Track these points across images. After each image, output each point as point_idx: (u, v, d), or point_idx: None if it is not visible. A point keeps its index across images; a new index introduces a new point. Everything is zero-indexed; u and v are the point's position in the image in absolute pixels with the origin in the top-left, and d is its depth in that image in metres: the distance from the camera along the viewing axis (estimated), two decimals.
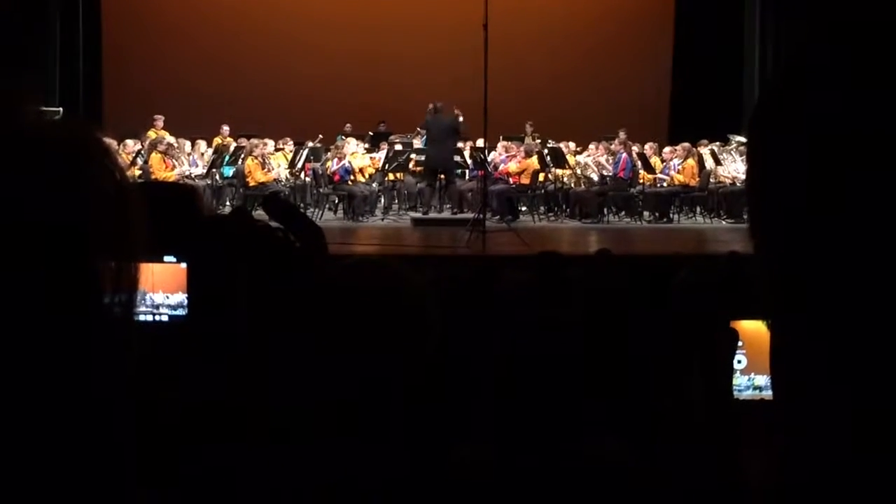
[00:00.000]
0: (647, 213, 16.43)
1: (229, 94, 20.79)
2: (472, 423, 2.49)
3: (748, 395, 2.11)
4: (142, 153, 15.54)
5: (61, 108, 17.12)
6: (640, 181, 16.39)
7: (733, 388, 1.87)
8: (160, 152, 15.24)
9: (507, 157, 16.60)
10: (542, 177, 16.52)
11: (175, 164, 15.48)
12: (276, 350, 1.19)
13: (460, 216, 15.22)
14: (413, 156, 16.75)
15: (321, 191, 16.25)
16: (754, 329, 1.92)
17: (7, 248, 0.70)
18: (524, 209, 16.60)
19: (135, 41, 21.21)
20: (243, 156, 15.79)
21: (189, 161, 16.44)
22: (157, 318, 1.35)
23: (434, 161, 15.86)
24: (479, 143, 15.94)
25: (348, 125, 19.35)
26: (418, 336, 1.58)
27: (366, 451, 1.49)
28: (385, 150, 17.04)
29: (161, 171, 15.04)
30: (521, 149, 16.54)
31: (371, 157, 16.96)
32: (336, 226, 14.99)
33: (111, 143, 15.09)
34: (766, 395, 2.07)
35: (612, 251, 7.40)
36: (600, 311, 3.93)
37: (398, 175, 16.95)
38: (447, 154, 15.91)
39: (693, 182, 16.12)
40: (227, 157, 16.18)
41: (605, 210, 16.24)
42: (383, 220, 16.06)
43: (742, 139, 15.39)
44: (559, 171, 16.75)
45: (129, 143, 16.12)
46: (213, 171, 16.01)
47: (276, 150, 16.83)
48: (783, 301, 0.75)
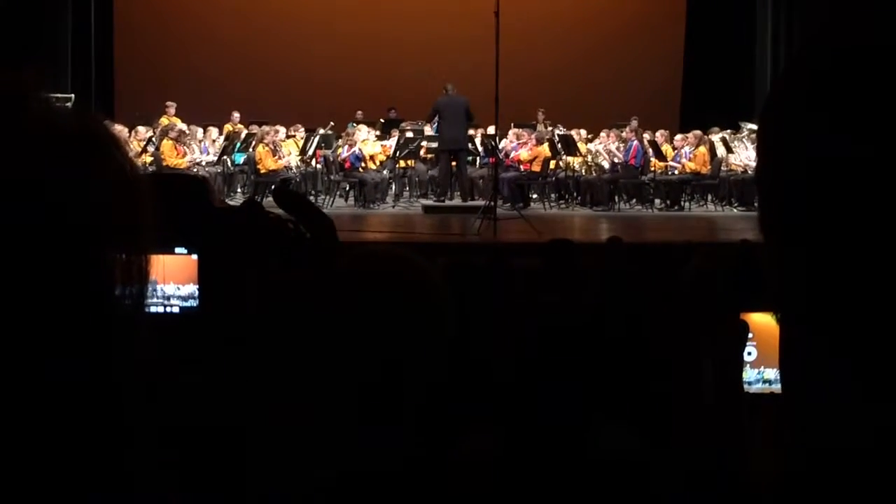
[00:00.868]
0: (658, 201, 16.41)
1: (241, 80, 20.79)
2: (483, 411, 2.49)
3: (758, 388, 2.10)
4: (153, 140, 15.56)
5: (73, 95, 17.15)
6: (652, 169, 16.35)
7: (743, 381, 1.88)
8: (171, 139, 15.25)
9: (519, 144, 16.57)
10: (552, 164, 16.50)
11: (186, 150, 15.50)
12: (288, 339, 1.20)
13: (471, 203, 15.21)
14: (424, 143, 16.75)
15: (332, 178, 16.25)
16: (765, 322, 1.92)
17: (16, 240, 0.70)
18: (535, 196, 16.59)
19: (146, 28, 21.22)
20: (254, 143, 15.78)
21: (200, 148, 16.46)
22: (168, 309, 1.35)
23: (448, 142, 15.79)
24: (491, 130, 15.91)
25: (360, 112, 19.33)
26: (433, 324, 1.58)
27: (380, 436, 1.50)
28: (396, 138, 17.02)
29: (172, 157, 15.06)
30: (533, 136, 16.51)
31: (382, 145, 16.94)
32: (347, 213, 15.01)
33: (121, 132, 15.14)
34: (776, 388, 2.07)
35: (622, 239, 7.40)
36: (611, 299, 3.93)
37: (409, 162, 16.94)
38: (461, 134, 15.85)
39: (704, 170, 16.09)
40: (239, 145, 16.18)
41: (616, 198, 16.21)
42: (394, 207, 16.06)
43: (754, 127, 15.33)
44: (570, 159, 16.73)
45: (141, 129, 16.14)
46: (225, 158, 16.02)
47: (288, 137, 16.83)
48: (792, 294, 0.75)
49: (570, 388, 2.06)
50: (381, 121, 18.84)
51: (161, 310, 1.35)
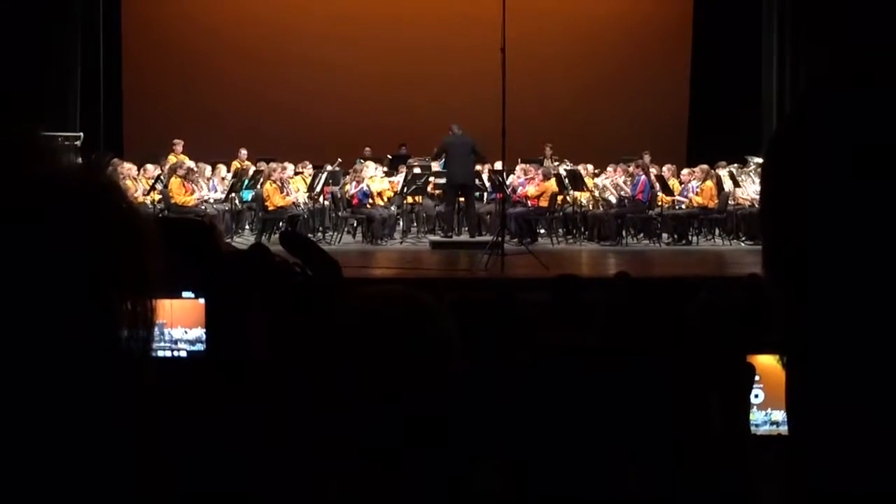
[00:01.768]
0: (665, 236, 16.41)
1: (248, 118, 20.90)
2: (492, 450, 2.48)
3: (766, 430, 2.09)
4: (161, 178, 15.62)
5: (82, 133, 17.25)
6: (659, 203, 16.36)
7: (750, 423, 1.87)
8: (180, 177, 15.30)
9: (526, 179, 16.61)
10: (560, 199, 16.53)
11: (195, 188, 15.55)
12: (296, 383, 1.20)
13: (479, 239, 15.23)
14: (431, 179, 16.80)
15: (340, 214, 16.30)
16: (771, 363, 1.91)
17: (23, 288, 0.70)
18: (542, 232, 16.61)
19: (154, 66, 21.37)
20: (262, 180, 15.84)
21: (209, 185, 16.52)
22: (175, 353, 1.36)
23: (455, 178, 15.87)
24: (498, 165, 15.97)
25: (367, 149, 19.41)
26: (440, 363, 1.58)
27: (385, 478, 1.49)
28: (403, 174, 17.09)
29: (181, 195, 15.10)
30: (540, 172, 16.55)
31: (390, 181, 16.99)
32: (355, 249, 15.04)
33: (129, 170, 15.20)
34: (783, 430, 2.06)
35: (630, 274, 7.40)
36: (619, 335, 3.92)
37: (417, 198, 16.98)
38: (468, 170, 15.94)
39: (711, 204, 16.10)
40: (247, 182, 16.24)
41: (624, 232, 16.22)
42: (402, 243, 16.09)
43: (760, 160, 15.34)
44: (577, 194, 16.76)
45: (150, 167, 16.24)
46: (233, 195, 16.07)
47: (296, 173, 16.90)
48: (798, 336, 0.75)
49: (579, 426, 2.05)
50: (389, 157, 18.91)
51: (169, 354, 1.35)
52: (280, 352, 1.16)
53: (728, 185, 16.43)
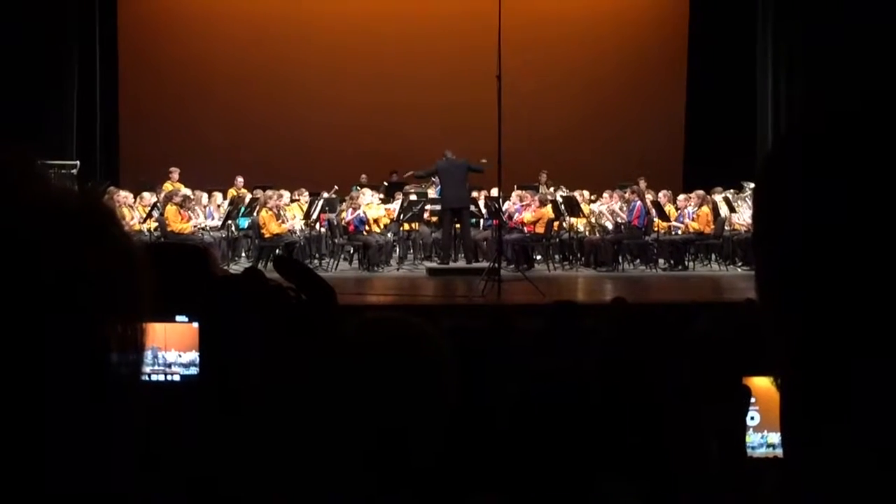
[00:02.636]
0: (662, 261, 16.44)
1: (244, 145, 20.95)
2: (487, 474, 2.47)
3: (762, 452, 2.08)
4: (158, 205, 15.64)
5: (78, 162, 17.28)
6: (655, 229, 16.39)
7: (747, 445, 1.86)
8: (176, 204, 15.32)
9: (522, 206, 16.64)
10: (556, 225, 16.55)
11: (191, 215, 15.57)
12: (290, 408, 1.19)
13: (475, 266, 15.24)
14: (428, 206, 16.84)
15: (336, 241, 16.31)
16: (767, 386, 1.90)
17: (13, 312, 0.70)
18: (539, 258, 16.62)
19: (151, 94, 21.44)
20: (258, 207, 15.86)
21: (205, 213, 16.55)
22: (168, 377, 1.35)
23: (449, 201, 15.90)
24: (494, 192, 16.00)
25: (364, 176, 19.46)
26: (436, 389, 1.58)
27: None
28: (400, 201, 17.12)
29: (177, 223, 15.12)
30: (536, 198, 16.58)
31: (386, 208, 17.03)
32: (351, 276, 15.04)
33: (126, 198, 15.22)
34: (780, 452, 2.05)
35: (627, 300, 7.40)
36: (616, 361, 3.91)
37: (413, 225, 17.01)
38: (462, 194, 15.98)
39: (708, 229, 16.13)
40: (243, 209, 16.26)
41: (620, 258, 16.24)
42: (398, 269, 16.10)
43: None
44: (574, 220, 16.79)
45: (146, 195, 16.28)
46: (229, 222, 16.08)
47: (292, 200, 16.92)
48: (792, 359, 0.75)
49: (574, 448, 2.05)
50: (385, 184, 18.95)
51: (162, 378, 1.35)
52: (274, 375, 1.16)
53: (724, 210, 16.48)
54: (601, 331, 4.96)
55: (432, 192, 17.23)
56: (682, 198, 16.97)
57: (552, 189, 18.07)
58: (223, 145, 20.93)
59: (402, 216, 16.65)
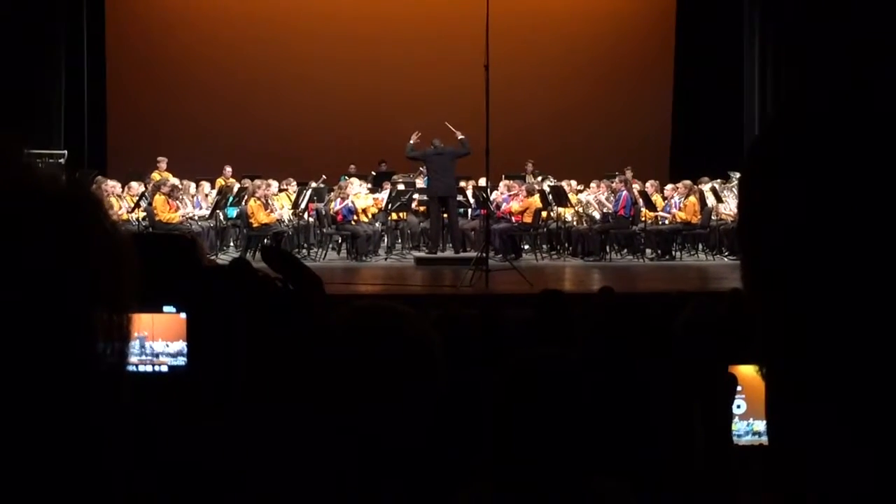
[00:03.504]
0: (649, 251, 16.47)
1: (232, 135, 20.89)
2: (474, 467, 2.47)
3: (747, 440, 2.09)
4: (146, 195, 15.59)
5: (66, 151, 17.22)
6: (642, 219, 16.42)
7: (732, 433, 1.87)
8: (164, 194, 15.28)
9: (510, 196, 16.65)
10: (544, 215, 16.56)
11: (179, 205, 15.53)
12: (277, 397, 1.19)
13: (463, 255, 15.23)
14: (416, 196, 16.83)
15: (324, 231, 16.30)
16: (753, 374, 1.91)
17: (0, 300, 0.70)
18: (526, 247, 16.63)
19: (139, 84, 21.36)
20: (246, 197, 15.83)
21: (193, 202, 16.50)
22: (156, 367, 1.35)
23: (437, 190, 15.88)
24: (482, 182, 15.99)
25: (352, 166, 19.42)
26: (423, 379, 1.58)
27: (369, 493, 1.49)
28: (388, 190, 17.11)
29: (165, 212, 15.08)
30: (523, 188, 16.58)
31: (374, 198, 17.02)
32: (339, 266, 15.02)
33: (114, 188, 15.17)
34: (765, 440, 2.06)
35: (614, 289, 7.41)
36: (602, 350, 3.92)
37: (401, 214, 17.00)
38: (449, 183, 15.97)
39: (695, 219, 16.16)
40: (231, 199, 16.22)
41: (608, 248, 16.26)
42: (386, 259, 16.09)
43: None
44: (561, 210, 16.80)
45: (134, 185, 16.23)
46: (217, 212, 16.05)
47: (280, 190, 16.89)
48: (776, 348, 0.75)
49: (562, 440, 2.05)
50: (373, 173, 18.92)
51: (150, 368, 1.35)
52: (260, 365, 1.16)
53: (711, 200, 16.51)
54: (588, 320, 4.97)
55: (420, 182, 17.21)
56: (669, 187, 17.01)
57: (539, 178, 18.08)
58: (211, 135, 20.87)
59: (390, 206, 16.64)
